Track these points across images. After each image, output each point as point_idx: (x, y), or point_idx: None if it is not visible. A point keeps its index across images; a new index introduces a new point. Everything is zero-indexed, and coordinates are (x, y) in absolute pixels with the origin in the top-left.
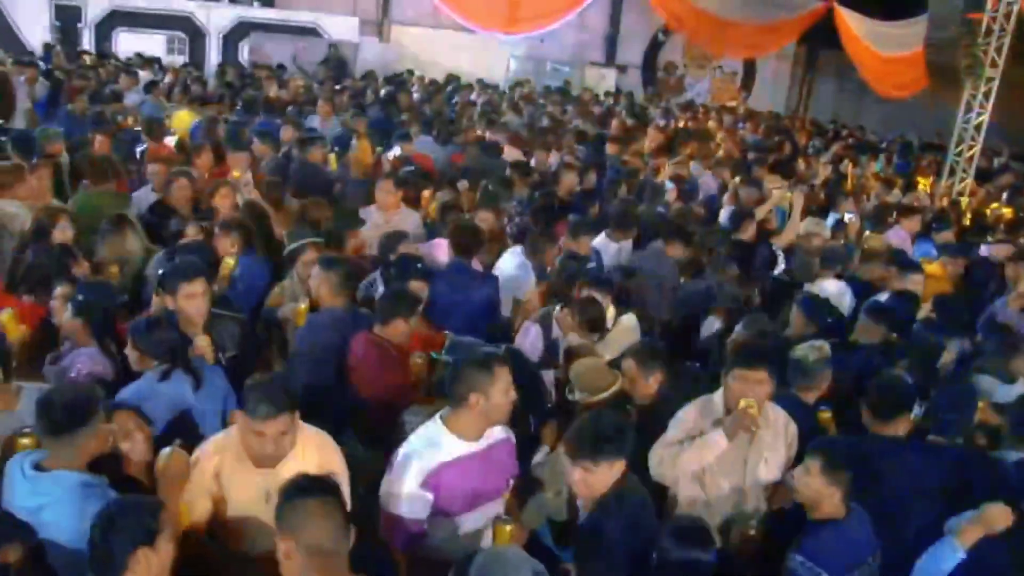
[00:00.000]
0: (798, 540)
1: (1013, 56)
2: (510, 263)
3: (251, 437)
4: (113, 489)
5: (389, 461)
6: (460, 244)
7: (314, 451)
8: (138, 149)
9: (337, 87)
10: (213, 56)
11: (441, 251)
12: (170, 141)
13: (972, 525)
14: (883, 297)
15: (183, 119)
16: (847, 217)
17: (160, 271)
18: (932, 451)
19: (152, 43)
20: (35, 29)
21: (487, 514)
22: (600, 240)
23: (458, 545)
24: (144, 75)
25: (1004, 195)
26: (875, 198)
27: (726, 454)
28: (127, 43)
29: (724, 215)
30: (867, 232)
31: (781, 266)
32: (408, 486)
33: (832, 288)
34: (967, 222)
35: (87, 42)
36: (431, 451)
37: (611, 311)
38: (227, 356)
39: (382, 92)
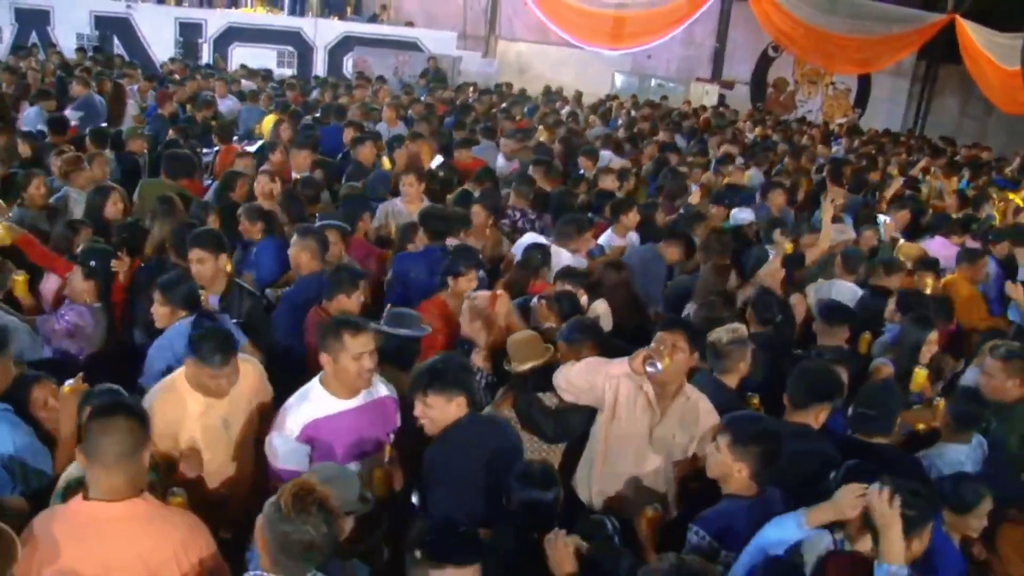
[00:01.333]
0: (700, 513)
1: None
2: None
3: (207, 379)
4: None
5: None
6: (431, 230)
7: (251, 378)
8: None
9: (421, 97)
10: (320, 69)
11: None
12: (258, 143)
13: (824, 506)
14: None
15: (269, 124)
16: (881, 220)
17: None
18: (842, 444)
19: (265, 56)
20: (162, 45)
21: (368, 466)
22: (606, 236)
23: None
24: (247, 84)
25: None
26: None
27: (632, 422)
28: (242, 57)
29: (744, 215)
30: (901, 240)
31: None
32: (284, 437)
33: (846, 293)
34: None
35: (206, 56)
36: (304, 405)
37: (583, 299)
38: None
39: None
